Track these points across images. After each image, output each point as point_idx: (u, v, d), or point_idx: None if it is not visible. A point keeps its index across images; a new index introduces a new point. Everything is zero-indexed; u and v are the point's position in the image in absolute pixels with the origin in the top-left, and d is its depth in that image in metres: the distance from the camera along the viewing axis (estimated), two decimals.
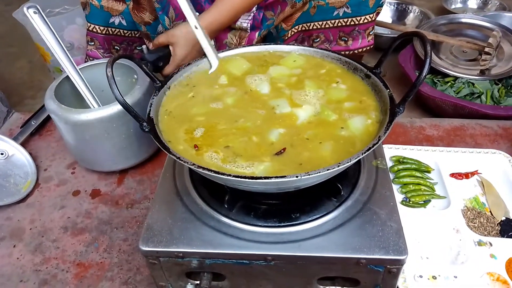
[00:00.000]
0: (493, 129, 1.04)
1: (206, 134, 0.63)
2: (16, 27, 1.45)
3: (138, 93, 0.85)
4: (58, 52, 0.86)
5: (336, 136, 0.62)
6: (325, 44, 1.17)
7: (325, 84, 0.71)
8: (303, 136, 0.62)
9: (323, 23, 1.12)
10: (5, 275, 0.78)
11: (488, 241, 0.75)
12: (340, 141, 0.61)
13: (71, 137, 0.88)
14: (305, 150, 0.59)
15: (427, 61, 0.54)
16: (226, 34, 1.03)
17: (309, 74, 0.74)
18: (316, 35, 1.15)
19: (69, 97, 0.92)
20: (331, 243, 0.58)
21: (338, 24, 1.12)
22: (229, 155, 0.59)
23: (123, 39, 1.13)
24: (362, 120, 0.63)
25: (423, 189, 0.85)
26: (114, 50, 1.15)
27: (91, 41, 1.12)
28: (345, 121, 0.64)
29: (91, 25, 1.09)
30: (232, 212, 0.63)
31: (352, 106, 0.66)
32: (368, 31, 1.14)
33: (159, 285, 0.67)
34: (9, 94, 1.29)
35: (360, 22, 1.11)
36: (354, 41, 1.15)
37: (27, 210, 0.90)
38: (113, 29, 1.10)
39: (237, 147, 0.60)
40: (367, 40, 1.16)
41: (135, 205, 0.89)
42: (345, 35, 1.14)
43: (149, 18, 1.05)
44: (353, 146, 0.60)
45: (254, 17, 1.00)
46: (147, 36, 1.10)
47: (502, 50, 1.27)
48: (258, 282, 0.64)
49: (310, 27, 1.13)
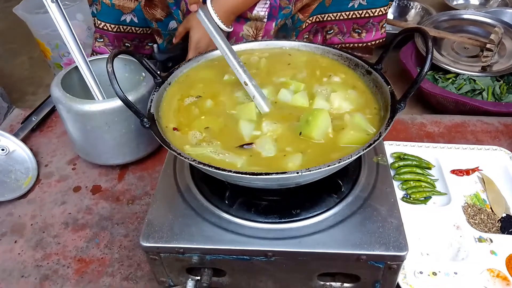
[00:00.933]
0: (494, 125, 1.04)
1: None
2: (16, 23, 1.45)
3: (143, 89, 0.86)
4: (70, 42, 0.86)
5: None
6: (338, 36, 1.17)
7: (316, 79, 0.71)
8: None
9: (337, 15, 1.12)
10: (7, 270, 0.78)
11: (489, 238, 0.75)
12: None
13: (72, 126, 0.89)
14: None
15: (428, 57, 0.54)
16: (241, 26, 1.01)
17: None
18: (330, 27, 1.15)
19: (76, 88, 0.93)
20: (332, 239, 0.58)
21: (353, 16, 1.12)
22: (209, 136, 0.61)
23: (135, 36, 1.13)
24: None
25: (423, 185, 0.85)
26: (125, 47, 1.15)
27: (100, 38, 1.12)
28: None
29: (101, 22, 1.09)
30: (233, 208, 0.63)
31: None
32: (381, 24, 1.15)
33: (160, 281, 0.67)
34: (10, 90, 1.29)
35: (374, 14, 1.12)
36: (368, 33, 1.16)
37: (28, 206, 0.90)
38: (124, 26, 1.10)
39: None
40: (380, 33, 1.17)
41: (135, 201, 0.90)
42: (359, 27, 1.14)
43: (161, 14, 1.05)
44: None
45: (270, 4, 0.99)
46: (158, 33, 1.09)
47: (504, 46, 1.26)
48: (258, 278, 0.64)
49: (324, 19, 1.12)
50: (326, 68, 0.74)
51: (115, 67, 0.55)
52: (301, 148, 0.59)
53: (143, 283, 0.74)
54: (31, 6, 1.22)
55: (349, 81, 0.70)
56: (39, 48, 1.30)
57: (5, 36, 1.74)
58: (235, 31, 1.01)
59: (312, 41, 1.22)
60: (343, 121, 0.62)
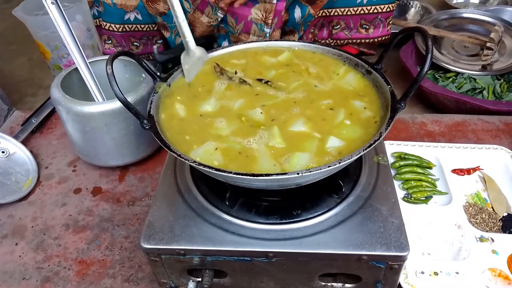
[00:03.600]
0: (495, 124, 1.04)
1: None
2: (16, 24, 1.45)
3: (143, 91, 0.86)
4: (70, 43, 0.86)
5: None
6: (344, 31, 1.16)
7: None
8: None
9: (345, 10, 1.11)
10: (8, 272, 0.78)
11: (490, 237, 0.75)
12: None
13: (72, 127, 0.89)
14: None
15: (428, 56, 0.54)
16: (249, 9, 0.99)
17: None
18: (336, 22, 1.14)
19: (76, 89, 0.92)
20: (333, 240, 0.58)
21: (361, 11, 1.11)
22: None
23: (142, 34, 1.12)
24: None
25: (424, 185, 0.85)
26: (134, 47, 1.15)
27: (108, 39, 1.12)
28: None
29: (107, 23, 1.09)
30: (233, 209, 0.63)
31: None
32: (388, 20, 1.14)
33: (161, 282, 0.67)
34: (10, 92, 1.29)
35: (383, 11, 1.11)
36: (375, 29, 1.15)
37: (29, 208, 0.90)
38: (129, 25, 1.09)
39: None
40: (386, 29, 1.16)
41: (136, 203, 0.89)
42: (366, 23, 1.14)
43: (164, 8, 1.04)
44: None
45: None
46: (164, 27, 1.09)
47: (504, 45, 1.26)
48: (259, 279, 0.64)
49: (331, 13, 1.11)
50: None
51: (116, 69, 0.55)
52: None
53: (144, 284, 0.74)
54: (30, 7, 1.21)
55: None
56: (39, 50, 1.30)
57: (5, 37, 1.74)
58: (243, 15, 0.99)
59: (317, 37, 1.21)
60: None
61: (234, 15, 1.01)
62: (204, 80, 0.73)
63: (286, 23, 1.07)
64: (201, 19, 1.04)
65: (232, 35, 1.07)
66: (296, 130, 0.61)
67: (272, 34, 1.03)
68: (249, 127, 0.62)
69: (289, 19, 1.06)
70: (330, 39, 1.20)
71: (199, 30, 1.08)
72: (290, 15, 1.06)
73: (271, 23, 0.97)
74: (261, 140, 0.60)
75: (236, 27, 1.03)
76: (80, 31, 1.22)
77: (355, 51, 1.25)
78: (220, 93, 0.70)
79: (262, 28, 1.00)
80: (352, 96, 0.67)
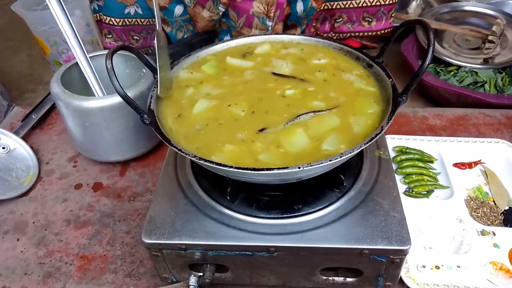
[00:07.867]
0: (497, 118, 1.03)
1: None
2: (15, 20, 1.44)
3: (143, 86, 0.85)
4: (71, 37, 0.86)
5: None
6: (347, 24, 1.15)
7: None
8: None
9: (347, 3, 1.10)
10: (10, 268, 0.78)
11: (491, 231, 0.75)
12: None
13: (71, 123, 0.89)
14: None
15: (430, 50, 0.53)
16: (251, 2, 0.99)
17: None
18: (338, 15, 1.13)
19: (76, 84, 0.92)
20: (334, 234, 0.58)
21: (363, 4, 1.10)
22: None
23: (142, 28, 1.12)
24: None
25: (426, 179, 0.85)
26: (134, 41, 1.14)
27: (108, 33, 1.11)
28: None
29: (107, 17, 1.08)
30: (235, 204, 0.63)
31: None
32: (391, 13, 1.14)
33: (163, 277, 0.67)
34: (10, 87, 1.29)
35: (385, 3, 1.10)
36: (378, 22, 1.14)
37: (30, 204, 0.90)
38: (129, 19, 1.09)
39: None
40: (388, 22, 1.15)
41: (137, 198, 0.89)
42: (369, 16, 1.13)
43: (164, 2, 1.04)
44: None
45: None
46: (165, 21, 1.08)
47: (506, 38, 1.25)
48: (261, 273, 0.64)
49: (333, 6, 1.11)
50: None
51: (116, 64, 0.55)
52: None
53: (145, 279, 0.74)
54: (29, 2, 1.21)
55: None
56: (38, 46, 1.30)
57: (4, 33, 1.74)
58: (245, 8, 0.98)
59: (319, 30, 1.20)
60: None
61: (236, 8, 1.01)
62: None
63: (288, 17, 1.06)
64: (202, 14, 1.04)
65: (234, 30, 1.07)
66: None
67: (274, 27, 1.03)
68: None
69: (291, 13, 1.06)
70: (332, 32, 1.19)
71: (200, 25, 1.07)
72: (292, 8, 1.05)
73: (273, 16, 0.97)
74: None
75: (238, 21, 1.02)
76: (79, 26, 1.21)
77: (357, 45, 1.24)
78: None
79: (264, 22, 1.00)
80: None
